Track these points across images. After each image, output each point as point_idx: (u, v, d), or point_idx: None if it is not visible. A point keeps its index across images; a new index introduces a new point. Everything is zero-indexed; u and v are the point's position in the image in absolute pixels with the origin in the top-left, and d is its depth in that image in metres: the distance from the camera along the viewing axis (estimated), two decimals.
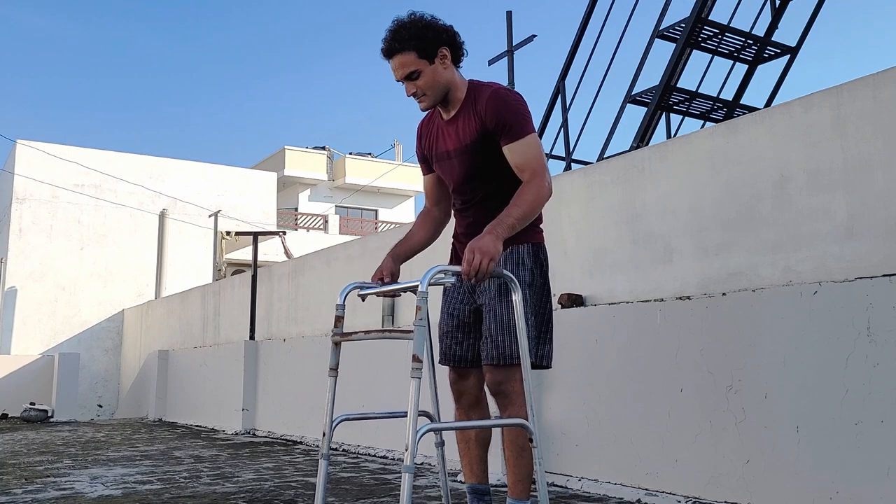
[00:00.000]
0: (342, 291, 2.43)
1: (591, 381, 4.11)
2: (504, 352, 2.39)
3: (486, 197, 2.57)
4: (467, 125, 2.52)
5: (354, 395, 5.84)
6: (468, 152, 2.52)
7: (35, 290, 16.54)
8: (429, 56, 2.46)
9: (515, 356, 2.36)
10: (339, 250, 8.17)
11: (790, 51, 6.45)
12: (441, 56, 2.48)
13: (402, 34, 2.45)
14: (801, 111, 3.76)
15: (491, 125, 2.46)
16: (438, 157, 2.64)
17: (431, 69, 2.48)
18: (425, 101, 2.54)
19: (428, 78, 2.48)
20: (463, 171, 2.56)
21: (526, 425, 2.24)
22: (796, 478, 3.12)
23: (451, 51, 2.52)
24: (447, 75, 2.51)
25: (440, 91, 2.52)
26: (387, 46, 2.48)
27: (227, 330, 10.69)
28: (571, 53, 6.74)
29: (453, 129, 2.56)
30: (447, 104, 2.57)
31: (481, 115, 2.48)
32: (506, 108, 2.46)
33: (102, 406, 16.27)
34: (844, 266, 3.47)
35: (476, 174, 2.54)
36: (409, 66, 2.46)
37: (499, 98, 2.48)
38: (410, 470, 2.00)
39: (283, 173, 27.64)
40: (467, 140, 2.52)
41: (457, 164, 2.56)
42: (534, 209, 2.41)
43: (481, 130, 2.48)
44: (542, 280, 2.54)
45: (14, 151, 17.24)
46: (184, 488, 4.39)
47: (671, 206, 4.37)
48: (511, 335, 2.39)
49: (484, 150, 2.49)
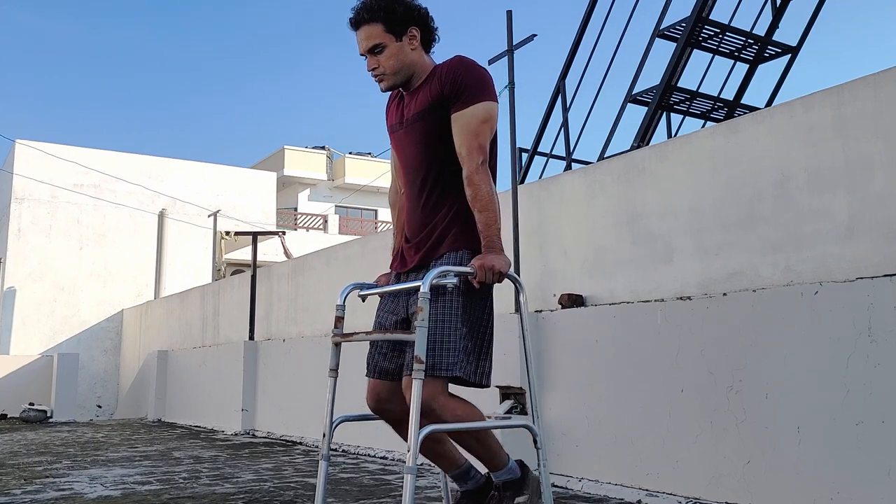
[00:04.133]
0: (342, 292, 2.42)
1: (591, 381, 4.11)
2: (426, 363, 2.11)
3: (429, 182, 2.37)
4: (425, 93, 2.37)
5: (354, 395, 5.83)
6: (420, 119, 2.36)
7: (34, 290, 16.53)
8: (396, 32, 2.35)
9: (440, 368, 2.16)
10: (339, 250, 8.16)
11: (791, 50, 6.44)
12: (410, 35, 2.37)
13: (373, 4, 2.35)
14: (802, 111, 3.76)
15: (447, 89, 2.31)
16: (393, 129, 2.49)
17: (397, 46, 2.36)
18: (386, 80, 2.39)
19: (392, 54, 2.35)
20: (413, 141, 2.39)
21: (530, 427, 2.23)
22: (797, 478, 3.11)
23: (422, 33, 2.40)
24: (413, 56, 2.39)
25: (403, 72, 2.39)
26: (355, 16, 2.38)
27: (227, 330, 10.68)
28: (571, 53, 6.74)
29: (412, 99, 2.42)
30: (409, 86, 2.43)
31: (440, 81, 2.34)
32: (465, 72, 2.32)
33: (101, 406, 16.26)
34: (845, 266, 3.47)
35: (426, 146, 2.35)
36: (374, 39, 2.35)
37: (461, 63, 2.35)
38: (413, 471, 1.99)
39: (282, 173, 27.64)
40: (422, 107, 2.36)
41: (407, 133, 2.40)
42: (494, 202, 2.26)
43: (437, 96, 2.32)
44: (482, 291, 2.29)
45: (13, 151, 17.23)
46: (183, 489, 4.39)
47: (671, 206, 4.37)
48: (438, 346, 2.18)
49: (437, 119, 2.33)
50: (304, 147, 29.89)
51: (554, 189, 5.21)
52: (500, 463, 2.39)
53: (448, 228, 2.33)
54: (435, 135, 2.34)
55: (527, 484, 2.41)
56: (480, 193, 2.25)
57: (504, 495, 2.39)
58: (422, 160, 2.38)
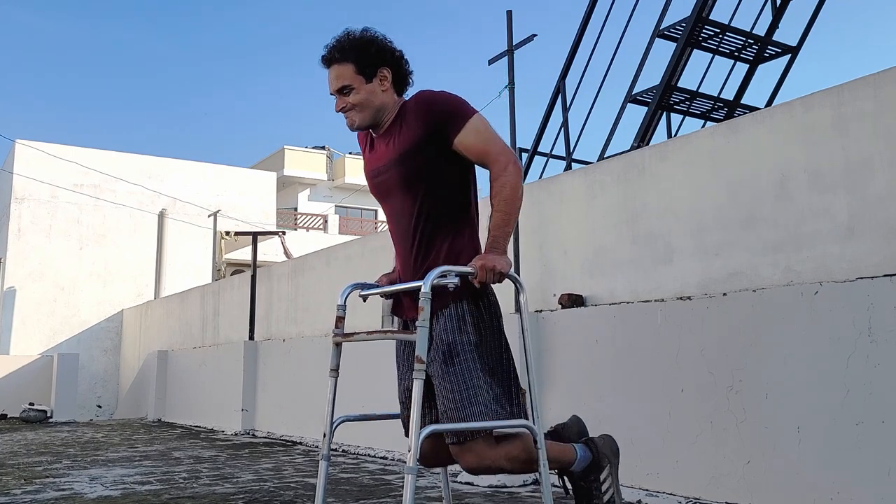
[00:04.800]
0: (343, 292, 2.42)
1: (591, 381, 4.11)
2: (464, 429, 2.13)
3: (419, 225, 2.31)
4: (402, 135, 2.32)
5: (355, 395, 5.83)
6: (400, 163, 2.30)
7: (34, 290, 16.52)
8: (367, 73, 2.31)
9: (479, 431, 2.16)
10: (339, 250, 8.16)
11: (791, 50, 6.45)
12: (381, 76, 2.32)
13: (345, 44, 2.32)
14: (802, 111, 3.76)
15: (431, 127, 2.26)
16: (374, 174, 2.41)
17: (367, 87, 2.31)
18: (354, 120, 2.35)
19: (361, 96, 2.31)
20: (396, 186, 2.33)
21: (530, 427, 2.23)
22: (797, 478, 3.12)
23: (394, 74, 2.35)
24: (383, 98, 2.33)
25: (371, 113, 2.33)
26: (326, 55, 2.35)
27: (227, 330, 10.68)
28: (571, 53, 6.74)
29: (384, 143, 2.37)
30: (378, 127, 2.39)
31: (418, 121, 2.29)
32: (437, 103, 2.28)
33: (101, 406, 16.26)
34: (845, 266, 3.47)
35: (409, 189, 2.30)
36: (343, 79, 2.31)
37: (425, 98, 2.31)
38: (413, 471, 1.99)
39: (282, 173, 27.64)
40: (401, 150, 2.30)
41: (394, 176, 2.32)
42: (516, 202, 2.25)
43: (418, 138, 2.27)
44: (493, 333, 2.26)
45: (13, 151, 17.23)
46: (183, 489, 4.39)
47: (671, 206, 4.37)
48: (467, 408, 2.15)
49: (418, 161, 2.28)
50: (304, 147, 29.88)
51: (554, 189, 5.21)
52: (569, 460, 2.41)
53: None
54: (418, 177, 2.29)
55: (600, 456, 2.46)
56: (504, 192, 2.24)
57: (588, 481, 2.44)
58: (408, 204, 2.32)
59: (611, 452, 2.49)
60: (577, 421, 2.63)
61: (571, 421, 2.63)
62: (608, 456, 2.47)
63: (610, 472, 2.44)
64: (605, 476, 2.44)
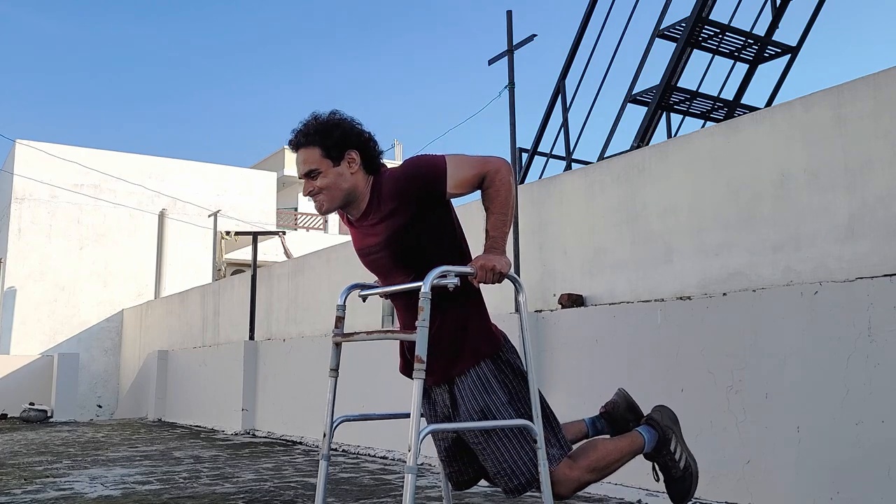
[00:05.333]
0: (342, 292, 2.42)
1: (591, 381, 4.11)
2: (520, 482, 2.25)
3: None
4: (386, 217, 2.30)
5: (354, 395, 5.84)
6: (388, 246, 2.30)
7: (34, 290, 16.52)
8: (333, 156, 2.30)
9: (532, 482, 2.25)
10: (339, 250, 8.16)
11: (791, 50, 6.45)
12: (349, 159, 2.31)
13: (310, 129, 2.33)
14: (802, 111, 3.76)
15: (418, 200, 2.26)
16: (365, 253, 2.42)
17: (335, 171, 2.30)
18: (322, 204, 2.33)
19: (329, 180, 2.30)
20: (390, 264, 2.33)
21: (530, 427, 2.24)
22: (797, 478, 3.12)
23: (363, 156, 2.34)
24: (352, 180, 2.31)
25: (340, 196, 2.32)
26: (293, 139, 2.36)
27: (227, 330, 10.68)
28: (571, 53, 6.74)
29: (367, 226, 2.36)
30: (353, 211, 2.38)
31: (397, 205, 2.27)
32: (412, 180, 2.27)
33: (102, 406, 16.26)
34: (845, 266, 3.47)
35: (408, 261, 2.30)
36: (310, 164, 2.31)
37: (396, 176, 2.30)
38: (413, 471, 1.99)
39: (282, 173, 27.58)
40: (392, 231, 2.29)
41: (387, 255, 2.32)
42: (511, 201, 2.28)
43: (408, 219, 2.27)
44: (519, 381, 2.33)
45: (13, 151, 17.23)
46: (183, 489, 4.39)
47: (671, 206, 4.37)
48: (516, 464, 2.25)
49: (408, 241, 2.28)
50: None
51: (554, 189, 5.21)
52: (639, 446, 2.52)
53: (457, 341, 2.28)
54: (413, 252, 2.29)
55: (664, 429, 2.56)
56: (499, 196, 2.27)
57: (662, 456, 2.56)
58: (408, 273, 2.31)
59: (671, 422, 2.61)
60: (624, 395, 2.72)
61: (618, 396, 2.72)
62: (671, 427, 2.59)
63: (678, 441, 2.58)
64: (675, 446, 2.57)
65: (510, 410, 2.28)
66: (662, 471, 2.59)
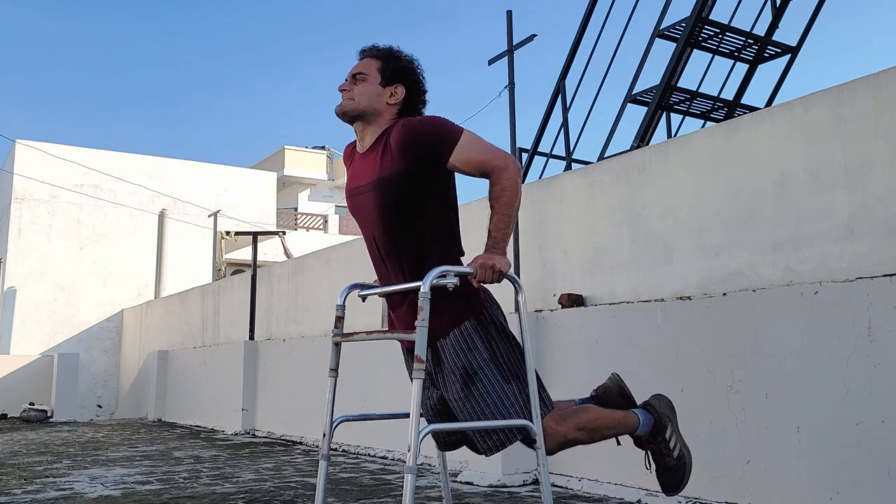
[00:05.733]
0: (342, 292, 2.42)
1: (591, 381, 4.09)
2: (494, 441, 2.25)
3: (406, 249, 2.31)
4: (385, 160, 2.31)
5: (354, 395, 5.84)
6: (383, 187, 2.30)
7: (34, 290, 16.53)
8: (385, 76, 2.40)
9: (507, 439, 2.25)
10: (339, 250, 8.16)
11: (791, 50, 6.45)
12: (394, 90, 2.40)
13: (384, 48, 2.47)
14: (802, 111, 3.76)
15: (420, 154, 2.26)
16: (352, 193, 2.43)
17: (378, 88, 2.38)
18: (347, 104, 2.38)
19: (366, 88, 2.37)
20: (379, 210, 2.32)
21: (530, 426, 2.23)
22: (797, 478, 3.12)
23: (407, 96, 2.41)
24: (383, 108, 2.38)
25: (366, 107, 2.37)
26: (364, 48, 2.49)
27: (227, 330, 10.69)
28: (571, 53, 6.74)
29: (366, 161, 2.38)
30: (363, 133, 2.41)
31: (398, 151, 2.28)
32: (424, 130, 2.29)
33: (102, 406, 16.26)
34: (845, 266, 3.47)
35: (395, 217, 2.30)
36: (363, 69, 2.41)
37: (412, 126, 2.31)
38: (413, 471, 1.99)
39: (282, 173, 27.62)
40: (385, 174, 2.30)
41: (371, 199, 2.33)
42: (516, 203, 2.28)
43: (403, 169, 2.27)
44: (504, 341, 2.31)
45: (13, 151, 17.24)
46: (183, 489, 4.39)
47: (671, 206, 4.37)
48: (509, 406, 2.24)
49: (401, 192, 2.28)
50: (304, 147, 29.88)
51: (554, 189, 5.21)
52: (633, 424, 2.52)
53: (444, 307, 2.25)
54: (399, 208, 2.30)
55: (661, 416, 2.57)
56: (504, 195, 2.26)
57: (657, 442, 2.56)
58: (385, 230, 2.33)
59: (668, 410, 2.61)
60: (617, 381, 2.70)
61: (611, 381, 2.70)
62: (667, 415, 2.59)
63: (673, 430, 2.58)
64: (670, 434, 2.57)
65: (492, 367, 2.26)
66: (655, 459, 2.58)
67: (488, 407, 2.23)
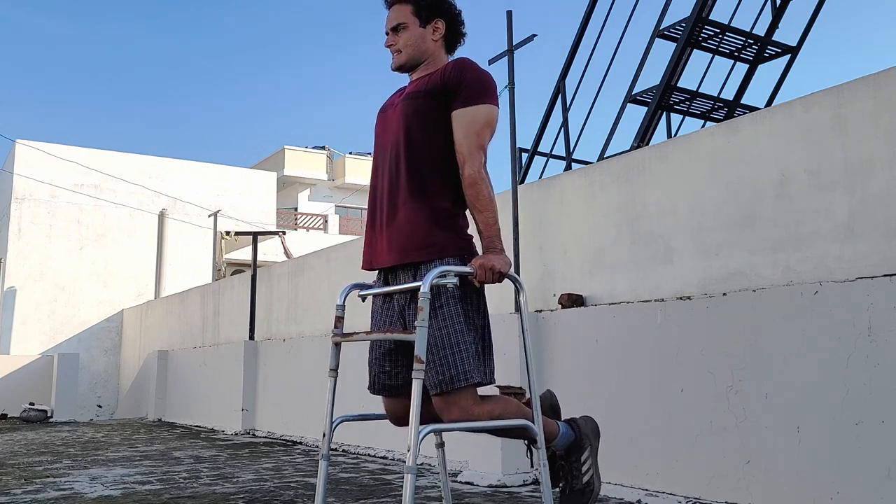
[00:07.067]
0: (342, 292, 2.42)
1: (591, 381, 4.11)
2: (445, 376, 2.14)
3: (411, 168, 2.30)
4: (424, 80, 2.38)
5: (354, 395, 5.83)
6: (411, 98, 2.34)
7: (34, 290, 16.53)
8: (422, 17, 2.40)
9: (460, 379, 2.15)
10: (339, 250, 8.16)
11: (791, 50, 6.44)
12: (434, 26, 2.42)
13: None
14: (802, 111, 3.76)
15: (450, 85, 2.30)
16: (385, 108, 2.46)
17: (419, 31, 2.40)
18: (398, 57, 2.42)
19: (411, 36, 2.40)
20: (399, 119, 2.35)
21: (530, 426, 2.23)
22: (797, 478, 3.12)
23: (448, 29, 2.44)
24: (431, 46, 2.42)
25: (417, 55, 2.41)
26: None
27: (227, 330, 10.68)
28: (571, 53, 6.74)
29: (410, 86, 2.44)
30: (417, 71, 2.45)
31: (443, 75, 2.34)
32: (470, 72, 2.32)
33: (102, 406, 16.27)
34: (845, 266, 3.47)
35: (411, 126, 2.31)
36: (399, 18, 2.40)
37: (467, 63, 2.35)
38: (413, 471, 1.99)
39: (282, 173, 27.63)
40: (417, 89, 2.36)
41: (401, 108, 2.36)
42: (493, 203, 2.26)
43: (437, 86, 2.31)
44: (476, 292, 2.28)
45: (13, 151, 17.24)
46: (183, 489, 4.39)
47: (671, 205, 4.37)
48: (451, 356, 2.16)
49: (428, 105, 2.31)
50: (304, 147, 29.88)
51: (554, 189, 5.21)
52: (550, 432, 2.41)
53: (433, 229, 2.27)
54: (421, 118, 2.31)
55: (582, 437, 2.47)
56: (482, 195, 2.25)
57: (571, 461, 2.46)
58: (405, 142, 2.32)
59: (592, 434, 2.52)
60: (551, 395, 2.65)
61: (545, 395, 2.63)
62: (589, 437, 2.50)
63: (590, 454, 2.47)
64: (586, 457, 2.46)
65: (458, 307, 2.20)
66: (563, 476, 2.48)
67: (448, 338, 2.16)
